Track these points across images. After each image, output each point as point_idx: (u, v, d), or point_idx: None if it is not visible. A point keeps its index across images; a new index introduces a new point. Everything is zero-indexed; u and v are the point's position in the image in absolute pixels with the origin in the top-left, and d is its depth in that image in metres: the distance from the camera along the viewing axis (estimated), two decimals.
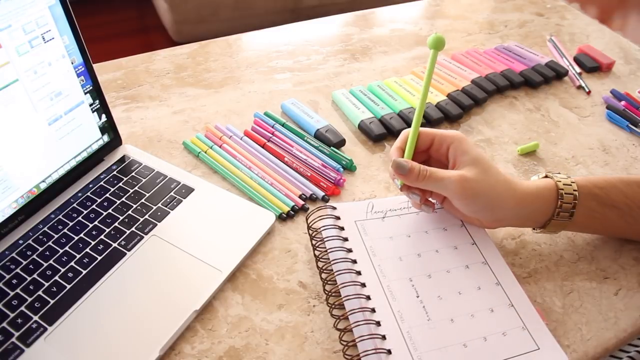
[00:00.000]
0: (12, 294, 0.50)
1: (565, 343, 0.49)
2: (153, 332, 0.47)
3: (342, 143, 0.70)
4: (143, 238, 0.56)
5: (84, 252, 0.54)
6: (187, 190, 0.61)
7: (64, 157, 0.59)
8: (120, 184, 0.61)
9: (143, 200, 0.60)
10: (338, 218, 0.56)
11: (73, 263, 0.53)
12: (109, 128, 0.64)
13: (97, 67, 0.66)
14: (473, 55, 0.87)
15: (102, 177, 0.62)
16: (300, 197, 0.62)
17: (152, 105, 0.76)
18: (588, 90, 0.82)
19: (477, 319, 0.48)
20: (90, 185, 0.61)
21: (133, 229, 0.56)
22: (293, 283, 0.53)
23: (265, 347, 0.48)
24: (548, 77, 0.83)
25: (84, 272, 0.52)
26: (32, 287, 0.51)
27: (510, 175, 0.54)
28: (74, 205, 0.59)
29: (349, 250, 0.53)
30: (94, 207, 0.59)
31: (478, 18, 1.01)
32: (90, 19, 2.33)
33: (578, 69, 0.86)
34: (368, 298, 0.49)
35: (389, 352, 0.45)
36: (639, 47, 0.93)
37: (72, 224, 0.57)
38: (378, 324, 0.47)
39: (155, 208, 0.59)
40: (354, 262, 0.52)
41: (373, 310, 0.48)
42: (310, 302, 0.52)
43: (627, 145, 0.72)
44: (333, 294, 0.51)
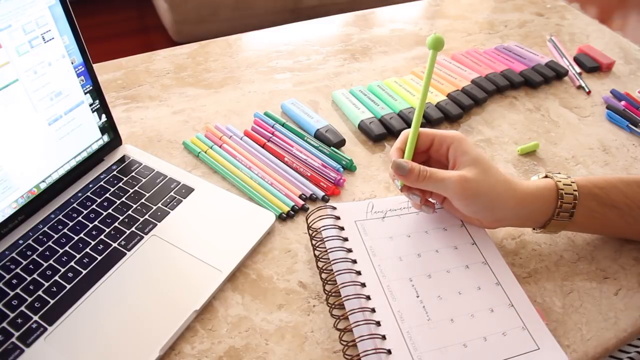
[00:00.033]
0: (12, 294, 0.50)
1: (565, 343, 0.49)
2: (153, 332, 0.47)
3: (342, 143, 0.70)
4: (143, 238, 0.56)
5: (84, 252, 0.54)
6: (187, 190, 0.61)
7: (64, 157, 0.59)
8: (120, 184, 0.61)
9: (143, 200, 0.60)
10: (338, 218, 0.56)
11: (73, 263, 0.53)
12: (109, 128, 0.64)
13: (97, 67, 0.66)
14: (473, 55, 0.87)
15: (102, 177, 0.62)
16: (300, 197, 0.62)
17: (152, 105, 0.76)
18: (588, 90, 0.82)
19: (477, 319, 0.48)
20: (90, 185, 0.61)
21: (133, 229, 0.56)
22: (293, 283, 0.53)
23: (265, 347, 0.48)
24: (548, 77, 0.83)
25: (84, 272, 0.52)
26: (32, 287, 0.51)
27: (510, 175, 0.54)
28: (74, 205, 0.59)
29: (349, 250, 0.53)
30: (94, 207, 0.59)
31: (478, 18, 1.01)
32: (90, 19, 2.32)
33: (578, 69, 0.86)
34: (368, 298, 0.49)
35: (389, 352, 0.45)
36: (639, 47, 0.93)
37: (72, 224, 0.57)
38: (378, 324, 0.47)
39: (155, 208, 0.59)
40: (354, 262, 0.52)
41: (373, 310, 0.48)
42: (310, 302, 0.52)
43: (627, 145, 0.72)
44: (333, 294, 0.51)
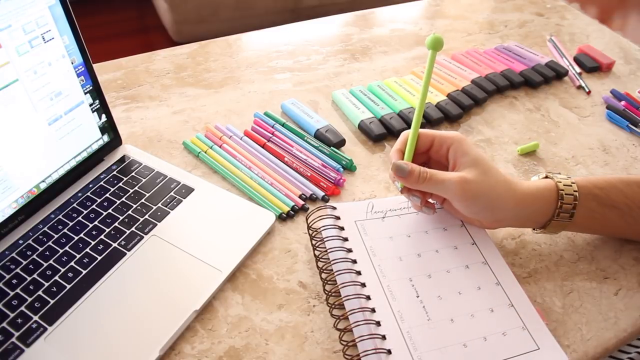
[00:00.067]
0: (12, 294, 0.50)
1: (565, 343, 0.49)
2: (153, 332, 0.47)
3: (342, 143, 0.70)
4: (143, 238, 0.56)
5: (84, 252, 0.54)
6: (187, 190, 0.61)
7: (64, 157, 0.59)
8: (120, 184, 0.61)
9: (143, 200, 0.60)
10: (338, 218, 0.56)
11: (73, 263, 0.53)
12: (109, 128, 0.64)
13: (97, 67, 0.66)
14: (473, 55, 0.87)
15: (102, 177, 0.62)
16: (300, 197, 0.62)
17: (152, 105, 0.76)
18: (588, 90, 0.82)
19: (477, 319, 0.48)
20: (90, 185, 0.61)
21: (133, 229, 0.56)
22: (293, 283, 0.53)
23: (265, 347, 0.48)
24: (548, 77, 0.83)
25: (84, 272, 0.52)
26: (32, 287, 0.51)
27: (510, 176, 0.54)
28: (74, 205, 0.59)
29: (349, 250, 0.53)
30: (94, 207, 0.59)
31: (478, 18, 1.01)
32: (90, 19, 2.32)
33: (578, 69, 0.86)
34: (368, 298, 0.49)
35: (389, 352, 0.45)
36: (639, 47, 0.93)
37: (72, 224, 0.57)
38: (378, 324, 0.47)
39: (155, 208, 0.59)
40: (354, 262, 0.52)
41: (373, 310, 0.48)
42: (310, 302, 0.52)
43: (627, 145, 0.72)
44: (333, 294, 0.51)
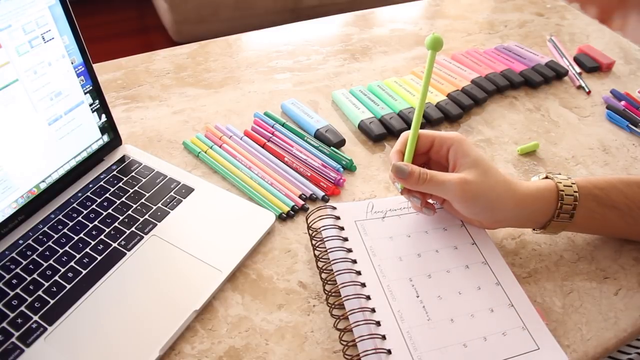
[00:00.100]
0: (12, 294, 0.50)
1: (565, 343, 0.49)
2: (153, 332, 0.47)
3: (342, 143, 0.70)
4: (143, 238, 0.56)
5: (84, 252, 0.54)
6: (187, 190, 0.61)
7: (64, 157, 0.59)
8: (120, 184, 0.61)
9: (143, 200, 0.60)
10: (338, 218, 0.56)
11: (73, 263, 0.53)
12: (109, 128, 0.64)
13: (97, 67, 0.66)
14: (473, 55, 0.87)
15: (102, 177, 0.62)
16: (300, 197, 0.62)
17: (152, 105, 0.76)
18: (588, 90, 0.82)
19: (477, 319, 0.48)
20: (90, 185, 0.61)
21: (133, 229, 0.56)
22: (293, 283, 0.53)
23: (265, 347, 0.48)
24: (548, 77, 0.83)
25: (84, 272, 0.52)
26: (32, 287, 0.51)
27: (511, 176, 0.54)
28: (74, 205, 0.59)
29: (349, 250, 0.53)
30: (94, 207, 0.59)
31: (478, 18, 1.01)
32: (90, 19, 2.32)
33: (578, 69, 0.86)
34: (368, 298, 0.49)
35: (389, 352, 0.45)
36: (639, 47, 0.93)
37: (72, 224, 0.57)
38: (378, 324, 0.47)
39: (155, 208, 0.59)
40: (354, 262, 0.52)
41: (373, 310, 0.48)
42: (310, 302, 0.52)
43: (627, 145, 0.72)
44: (333, 294, 0.51)
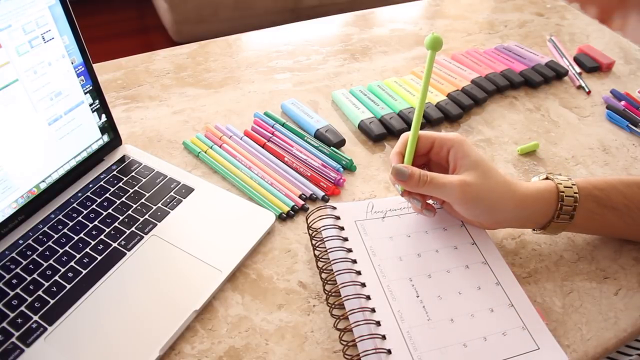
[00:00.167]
0: (12, 294, 0.50)
1: (565, 343, 0.49)
2: (153, 332, 0.47)
3: (342, 143, 0.70)
4: (143, 238, 0.56)
5: (84, 252, 0.54)
6: (187, 190, 0.61)
7: (64, 157, 0.59)
8: (120, 184, 0.61)
9: (143, 200, 0.60)
10: (338, 218, 0.56)
11: (73, 263, 0.53)
12: (109, 128, 0.64)
13: (97, 67, 0.66)
14: (473, 55, 0.87)
15: (102, 177, 0.62)
16: (300, 197, 0.62)
17: (152, 105, 0.76)
18: (588, 90, 0.82)
19: (477, 319, 0.48)
20: (90, 185, 0.61)
21: (133, 229, 0.56)
22: (293, 283, 0.53)
23: (265, 347, 0.48)
24: (548, 77, 0.83)
25: (84, 272, 0.52)
26: (32, 287, 0.51)
27: (511, 177, 0.54)
28: (74, 205, 0.59)
29: (349, 250, 0.53)
30: (94, 207, 0.59)
31: (478, 18, 1.01)
32: (90, 19, 2.33)
33: (578, 69, 0.86)
34: (368, 298, 0.49)
35: (389, 352, 0.45)
36: (639, 47, 0.93)
37: (72, 224, 0.57)
38: (378, 324, 0.47)
39: (155, 208, 0.59)
40: (354, 262, 0.52)
41: (373, 310, 0.48)
42: (310, 302, 0.52)
43: (627, 145, 0.72)
44: (333, 294, 0.51)
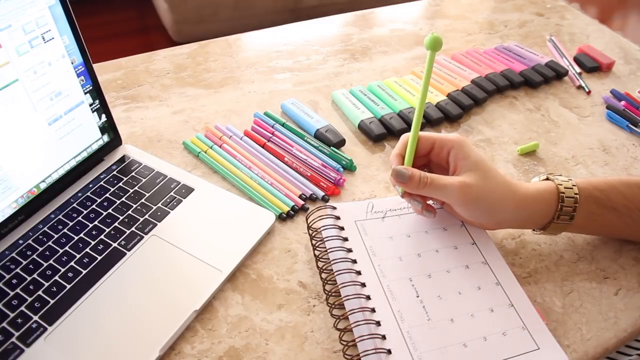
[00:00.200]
0: (12, 294, 0.50)
1: (565, 343, 0.49)
2: (153, 332, 0.47)
3: (342, 143, 0.70)
4: (143, 238, 0.56)
5: (84, 252, 0.54)
6: (187, 190, 0.61)
7: (64, 157, 0.59)
8: (120, 184, 0.61)
9: (143, 200, 0.60)
10: (338, 218, 0.56)
11: (73, 263, 0.53)
12: (109, 128, 0.64)
13: (97, 67, 0.66)
14: (473, 55, 0.87)
15: (102, 177, 0.62)
16: (300, 197, 0.62)
17: (152, 105, 0.76)
18: (588, 90, 0.82)
19: (477, 319, 0.48)
20: (90, 185, 0.61)
21: (133, 229, 0.56)
22: (293, 283, 0.53)
23: (265, 347, 0.48)
24: (548, 77, 0.83)
25: (84, 272, 0.52)
26: (32, 287, 0.51)
27: (511, 177, 0.54)
28: (74, 205, 0.59)
29: (349, 250, 0.53)
30: (94, 207, 0.59)
31: (478, 18, 1.01)
32: (90, 19, 2.33)
33: (578, 69, 0.86)
34: (368, 298, 0.49)
35: (389, 352, 0.45)
36: (639, 47, 0.93)
37: (72, 224, 0.57)
38: (378, 324, 0.47)
39: (155, 208, 0.59)
40: (354, 262, 0.52)
41: (373, 310, 0.48)
42: (310, 302, 0.52)
43: (627, 145, 0.72)
44: (333, 294, 0.51)
